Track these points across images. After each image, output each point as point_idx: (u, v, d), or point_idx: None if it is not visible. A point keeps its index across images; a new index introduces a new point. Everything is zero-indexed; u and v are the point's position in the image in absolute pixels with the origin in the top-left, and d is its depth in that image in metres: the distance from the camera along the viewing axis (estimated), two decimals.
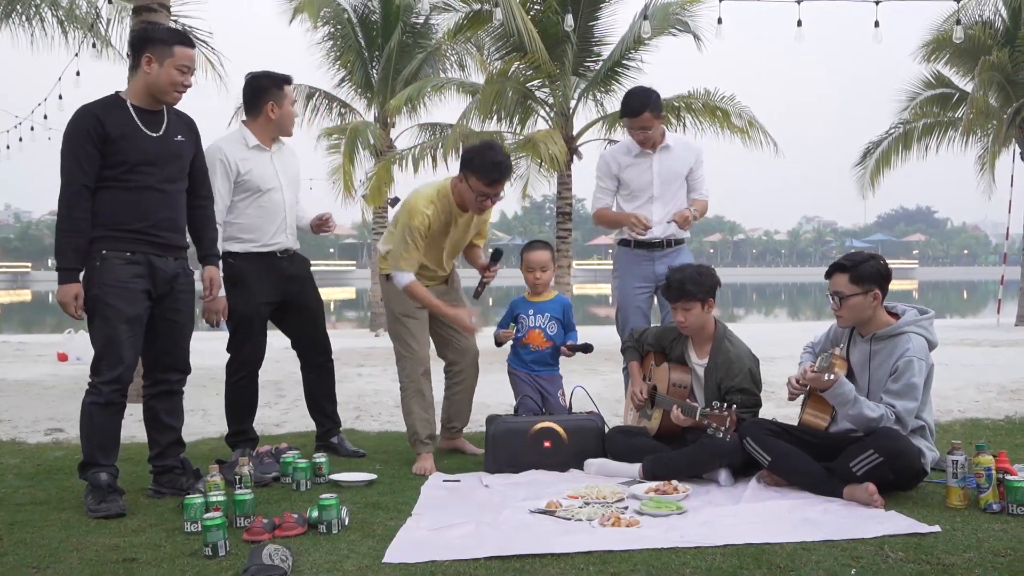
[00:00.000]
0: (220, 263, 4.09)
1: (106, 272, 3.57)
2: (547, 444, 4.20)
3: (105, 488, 3.54)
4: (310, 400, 4.76)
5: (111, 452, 3.66)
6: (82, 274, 3.61)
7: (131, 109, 3.64)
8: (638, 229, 4.62)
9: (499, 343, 4.66)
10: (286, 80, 4.48)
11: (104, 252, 3.58)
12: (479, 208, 4.31)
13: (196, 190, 3.91)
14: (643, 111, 4.65)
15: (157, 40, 3.66)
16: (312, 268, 4.75)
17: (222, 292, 4.13)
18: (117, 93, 3.72)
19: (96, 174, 3.56)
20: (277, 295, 4.47)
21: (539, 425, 4.23)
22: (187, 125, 3.85)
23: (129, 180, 3.59)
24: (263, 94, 4.41)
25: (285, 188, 4.47)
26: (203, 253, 4.00)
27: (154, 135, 3.66)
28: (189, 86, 3.73)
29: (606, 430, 4.33)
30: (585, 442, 4.23)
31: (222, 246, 4.29)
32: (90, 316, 3.63)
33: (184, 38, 3.75)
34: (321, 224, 4.69)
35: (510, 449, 4.18)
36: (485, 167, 4.13)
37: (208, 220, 4.01)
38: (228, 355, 4.56)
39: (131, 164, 3.59)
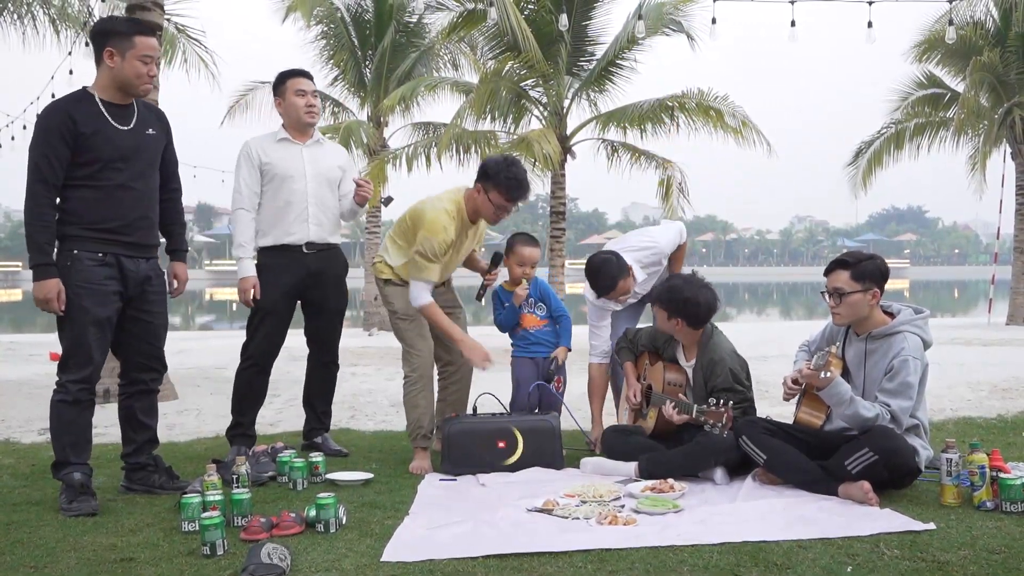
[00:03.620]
0: (186, 257, 4.10)
1: (77, 273, 3.57)
2: (501, 444, 4.21)
3: (78, 487, 3.53)
4: (306, 396, 4.81)
5: (82, 450, 3.66)
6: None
7: (100, 104, 3.61)
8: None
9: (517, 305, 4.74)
10: (289, 75, 4.58)
11: (75, 252, 3.57)
12: (494, 219, 4.37)
13: (166, 183, 3.90)
14: (612, 288, 4.52)
15: (116, 32, 3.62)
16: None
17: (246, 275, 4.36)
18: (85, 88, 3.69)
19: (64, 172, 3.55)
20: (298, 289, 4.52)
21: (493, 426, 4.24)
22: (157, 117, 3.84)
23: (101, 178, 3.58)
24: (274, 91, 4.60)
25: (310, 179, 4.50)
26: (171, 248, 4.02)
27: (124, 129, 3.65)
28: (155, 76, 3.72)
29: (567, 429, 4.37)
30: (540, 442, 4.23)
31: (256, 241, 4.46)
32: (54, 314, 3.60)
33: (144, 28, 3.71)
34: (358, 191, 4.60)
35: (465, 449, 4.18)
36: (509, 184, 4.21)
37: (177, 214, 4.01)
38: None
39: (104, 161, 3.57)
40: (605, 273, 4.50)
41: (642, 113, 11.65)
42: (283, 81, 4.57)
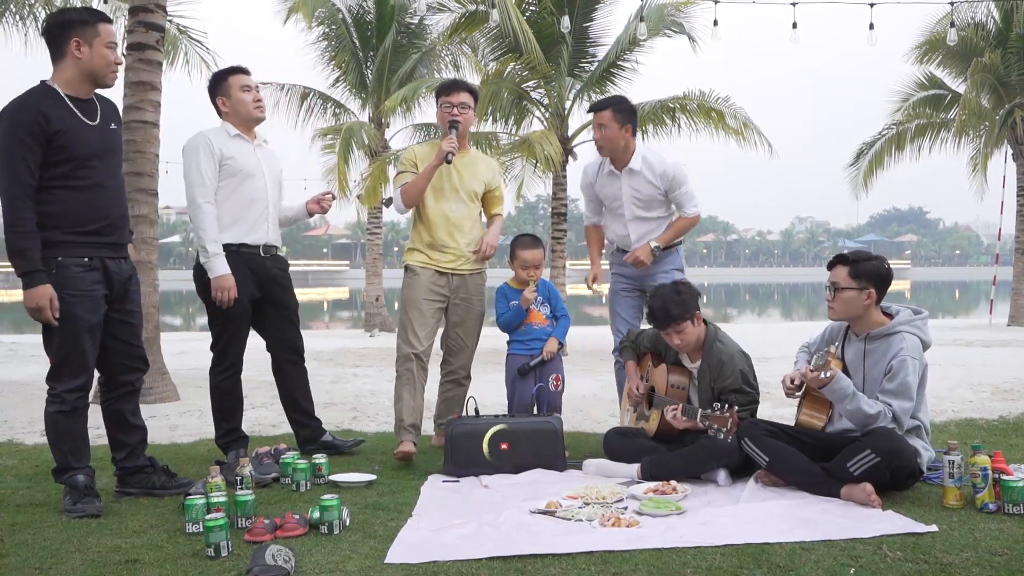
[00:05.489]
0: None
1: (66, 280, 3.46)
2: (504, 446, 4.21)
3: (82, 489, 3.51)
4: (289, 402, 4.71)
5: (83, 454, 3.63)
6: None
7: (66, 99, 3.49)
8: (593, 286, 5.00)
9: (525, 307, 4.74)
10: (230, 72, 4.45)
11: (60, 259, 3.46)
12: (448, 116, 4.57)
13: None
14: (604, 109, 4.68)
15: (80, 22, 3.49)
16: (305, 268, 4.75)
17: (224, 272, 4.21)
18: (44, 83, 3.53)
19: (39, 172, 3.40)
20: (258, 293, 4.44)
21: (496, 428, 4.23)
22: (114, 110, 3.75)
23: (78, 178, 3.47)
24: (215, 90, 4.44)
25: (268, 179, 4.44)
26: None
27: (93, 124, 3.54)
28: (121, 63, 3.65)
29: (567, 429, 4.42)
30: (542, 443, 4.23)
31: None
32: (47, 323, 3.49)
33: (103, 15, 3.61)
34: (319, 201, 4.60)
35: (468, 451, 4.18)
36: (442, 83, 4.76)
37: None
38: (212, 355, 4.49)
39: (79, 160, 3.46)
40: (608, 97, 4.85)
41: (643, 114, 11.66)
42: (224, 78, 4.43)
